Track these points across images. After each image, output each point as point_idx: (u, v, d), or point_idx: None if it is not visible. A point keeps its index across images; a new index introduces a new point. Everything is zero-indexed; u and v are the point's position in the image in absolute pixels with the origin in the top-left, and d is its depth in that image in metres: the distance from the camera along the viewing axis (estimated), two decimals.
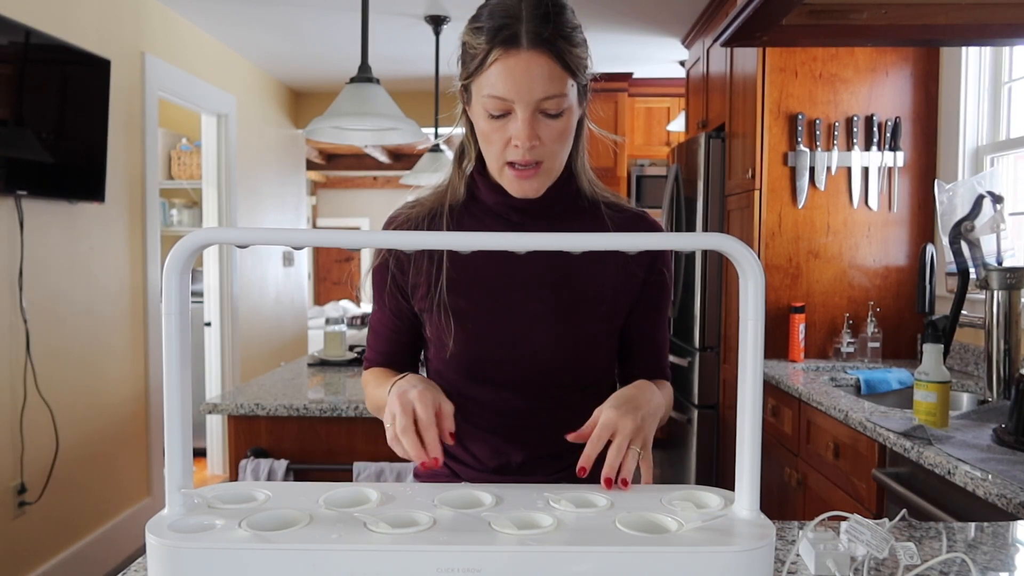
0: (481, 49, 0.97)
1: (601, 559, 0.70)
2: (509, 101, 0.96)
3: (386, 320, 1.15)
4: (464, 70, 1.02)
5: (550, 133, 0.99)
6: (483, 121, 1.00)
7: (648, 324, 1.15)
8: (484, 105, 0.98)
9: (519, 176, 1.01)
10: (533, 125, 0.97)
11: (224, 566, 0.70)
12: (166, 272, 0.73)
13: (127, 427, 3.41)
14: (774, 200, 2.84)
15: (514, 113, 0.97)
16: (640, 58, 4.51)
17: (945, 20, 1.71)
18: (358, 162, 8.97)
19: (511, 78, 0.95)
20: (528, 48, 0.95)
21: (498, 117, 0.98)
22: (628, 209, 1.14)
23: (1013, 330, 1.90)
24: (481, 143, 1.04)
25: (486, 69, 0.97)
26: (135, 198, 3.43)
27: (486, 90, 0.97)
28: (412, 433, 0.89)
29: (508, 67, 0.95)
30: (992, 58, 2.60)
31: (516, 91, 0.95)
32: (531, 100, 0.96)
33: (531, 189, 1.03)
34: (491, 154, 1.02)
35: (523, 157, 0.99)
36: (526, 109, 0.96)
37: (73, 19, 2.95)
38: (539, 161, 1.00)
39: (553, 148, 1.00)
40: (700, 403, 3.31)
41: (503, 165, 1.02)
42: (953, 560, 0.91)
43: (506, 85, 0.95)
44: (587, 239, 0.74)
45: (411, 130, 2.19)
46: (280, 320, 5.46)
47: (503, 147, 1.00)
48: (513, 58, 0.95)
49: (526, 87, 0.95)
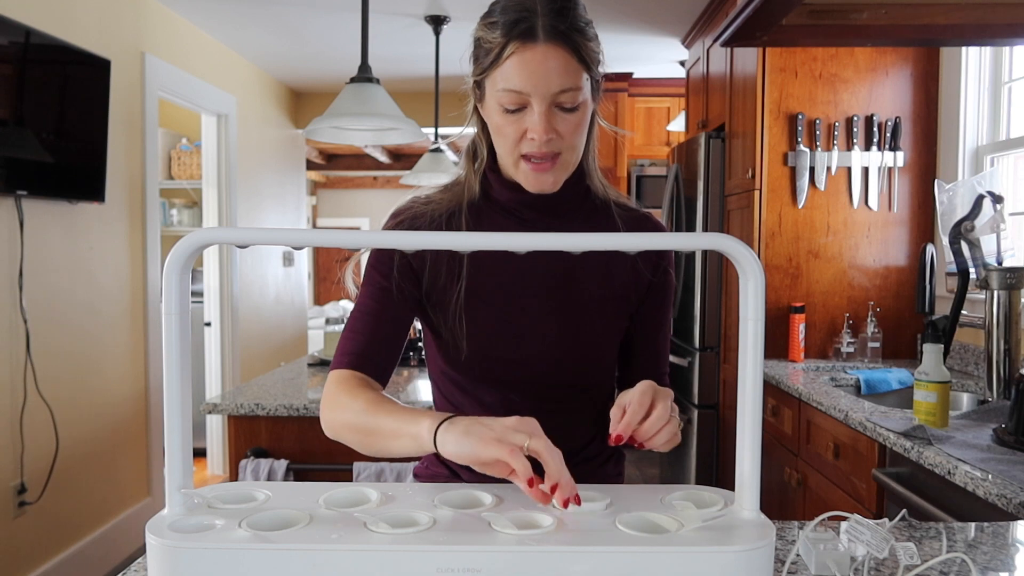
0: (497, 43, 0.96)
1: (601, 559, 0.70)
2: (525, 94, 0.96)
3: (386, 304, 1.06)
4: (478, 66, 1.01)
5: (567, 127, 0.98)
6: (497, 116, 0.99)
7: (651, 326, 1.15)
8: (499, 100, 0.98)
9: (536, 169, 1.00)
10: (549, 119, 0.97)
11: (224, 566, 0.70)
12: (166, 272, 0.73)
13: (127, 427, 3.41)
14: (774, 200, 2.84)
15: (530, 107, 0.97)
16: (640, 58, 4.51)
17: (945, 20, 1.71)
18: (358, 162, 8.97)
19: (528, 71, 0.95)
20: (545, 41, 0.94)
21: (513, 111, 0.98)
22: (635, 209, 1.14)
23: (1013, 330, 1.90)
24: (495, 137, 1.03)
25: (502, 63, 0.96)
26: (135, 198, 3.43)
27: (501, 84, 0.97)
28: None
29: (525, 60, 0.95)
30: (992, 58, 2.60)
31: (533, 84, 0.95)
32: (548, 93, 0.95)
33: (548, 182, 1.01)
34: (505, 148, 1.01)
35: (539, 149, 0.98)
36: (543, 102, 0.96)
37: (73, 19, 2.95)
38: (557, 153, 0.99)
39: (571, 141, 1.00)
40: (700, 403, 3.31)
41: (518, 159, 1.00)
42: (953, 560, 0.91)
43: (522, 78, 0.95)
44: (589, 239, 0.74)
45: (411, 130, 2.19)
46: (280, 320, 5.46)
47: (518, 140, 0.99)
48: (530, 51, 0.95)
49: (543, 80, 0.95)
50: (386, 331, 1.06)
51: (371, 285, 1.07)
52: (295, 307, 5.84)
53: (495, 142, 1.04)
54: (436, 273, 1.07)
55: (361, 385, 1.01)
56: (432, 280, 1.07)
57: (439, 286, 1.07)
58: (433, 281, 1.07)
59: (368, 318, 1.06)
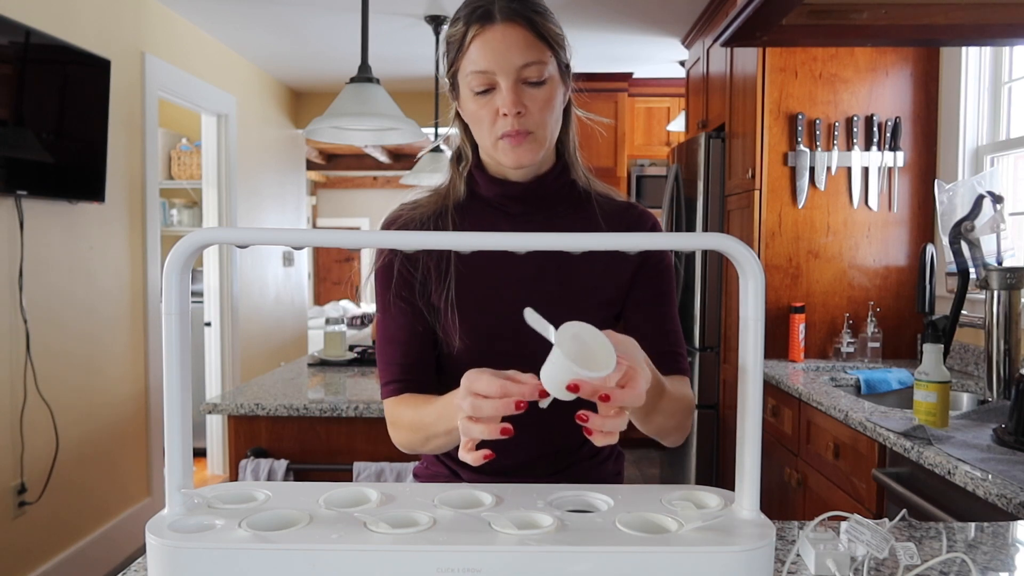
0: (459, 33, 1.02)
1: (601, 559, 0.70)
2: (491, 73, 1.00)
3: (402, 322, 1.10)
4: (448, 61, 1.05)
5: (535, 102, 1.01)
6: (471, 102, 1.03)
7: (649, 302, 1.11)
8: (470, 85, 1.02)
9: (513, 143, 1.02)
10: (517, 93, 1.00)
11: (224, 566, 0.70)
12: (166, 272, 0.73)
13: (127, 427, 3.41)
14: (774, 200, 2.84)
15: (498, 86, 1.00)
16: (640, 58, 4.51)
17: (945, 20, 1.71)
18: (358, 162, 8.98)
19: (489, 50, 0.99)
20: (502, 21, 0.99)
21: (483, 93, 1.01)
22: (617, 199, 1.15)
23: (1013, 330, 1.90)
24: (472, 125, 1.06)
25: (466, 49, 1.01)
26: (135, 198, 3.43)
27: (469, 68, 1.01)
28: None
29: (485, 40, 0.99)
30: (992, 58, 2.60)
31: (496, 61, 0.99)
32: (511, 68, 0.99)
33: (525, 155, 1.03)
34: (483, 132, 1.04)
35: (512, 127, 1.01)
36: (508, 78, 0.99)
37: (73, 19, 2.95)
38: (528, 131, 1.02)
39: (540, 118, 1.02)
40: (700, 403, 3.31)
41: (496, 140, 1.03)
42: (953, 560, 0.91)
43: (485, 58, 0.99)
44: (587, 239, 0.74)
45: (411, 130, 2.19)
46: (280, 320, 5.46)
47: (492, 121, 1.02)
48: (489, 31, 0.99)
49: (504, 56, 0.99)
50: (414, 347, 1.10)
51: (384, 308, 1.11)
52: (295, 307, 5.84)
53: (474, 132, 1.07)
54: (427, 275, 1.09)
55: (408, 399, 1.07)
56: (423, 282, 1.09)
57: (430, 288, 1.09)
58: (424, 283, 1.09)
59: (392, 346, 1.11)
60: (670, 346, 1.10)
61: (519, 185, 1.09)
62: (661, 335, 1.10)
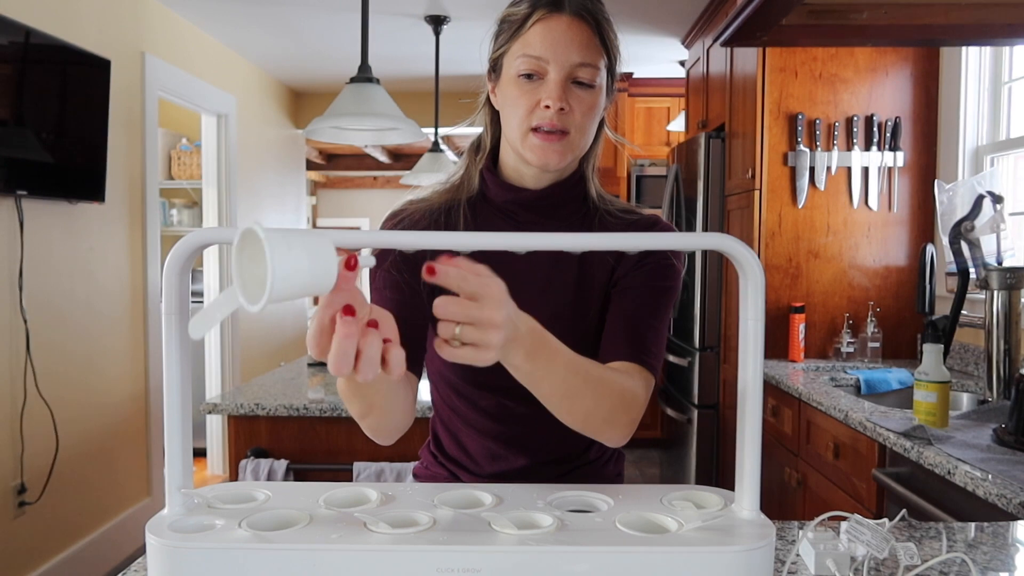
0: (522, 13, 0.98)
1: (601, 559, 0.70)
2: (544, 61, 0.96)
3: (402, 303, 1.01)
4: (500, 40, 1.02)
5: (580, 104, 0.98)
6: (513, 87, 0.99)
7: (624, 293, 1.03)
8: (517, 68, 0.98)
9: (544, 140, 0.98)
10: (565, 89, 0.97)
11: (224, 566, 0.70)
12: (166, 272, 0.73)
13: (127, 427, 3.41)
14: (774, 200, 2.84)
15: (547, 76, 0.97)
16: (640, 58, 4.51)
17: (945, 20, 1.71)
18: (358, 162, 8.97)
19: (551, 38, 0.96)
20: (571, 13, 0.97)
21: (528, 78, 0.98)
22: (636, 215, 1.09)
23: (1013, 330, 1.90)
24: (506, 110, 1.02)
25: (526, 30, 0.97)
26: (135, 198, 3.43)
27: (522, 51, 0.97)
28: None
29: (549, 27, 0.96)
30: (992, 58, 2.60)
31: (553, 51, 0.96)
32: (567, 63, 0.96)
33: (554, 158, 0.99)
34: (515, 120, 0.99)
35: (551, 120, 0.97)
36: (560, 71, 0.96)
37: (73, 19, 2.95)
38: (565, 131, 0.98)
39: (581, 121, 0.99)
40: (700, 403, 3.31)
41: (527, 131, 0.99)
42: (953, 560, 0.91)
43: (544, 44, 0.96)
44: (588, 239, 0.74)
45: (411, 130, 2.19)
46: (280, 320, 5.46)
47: (530, 110, 0.98)
48: (555, 20, 0.97)
49: (564, 48, 0.96)
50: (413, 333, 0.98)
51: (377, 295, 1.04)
52: (295, 307, 5.85)
53: (505, 120, 1.02)
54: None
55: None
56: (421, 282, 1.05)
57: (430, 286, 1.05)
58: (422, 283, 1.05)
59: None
60: (640, 334, 1.00)
61: (532, 192, 1.05)
62: (637, 320, 1.01)
